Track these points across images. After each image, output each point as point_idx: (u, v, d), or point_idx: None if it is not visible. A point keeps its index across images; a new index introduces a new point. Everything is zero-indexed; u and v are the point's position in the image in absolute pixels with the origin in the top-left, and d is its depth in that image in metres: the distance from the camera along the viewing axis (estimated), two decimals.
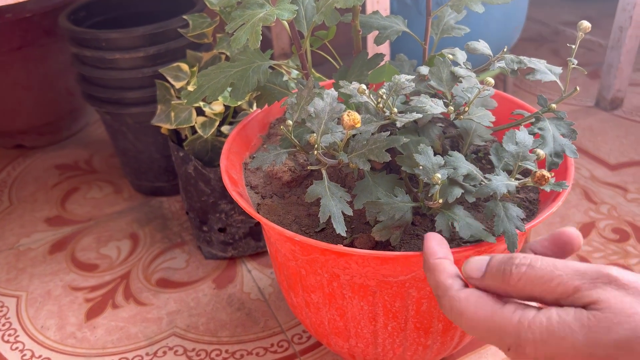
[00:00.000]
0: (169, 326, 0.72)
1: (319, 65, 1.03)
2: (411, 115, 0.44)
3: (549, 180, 0.39)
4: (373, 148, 0.44)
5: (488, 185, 0.41)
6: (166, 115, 0.74)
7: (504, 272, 0.33)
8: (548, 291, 0.32)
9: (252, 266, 0.80)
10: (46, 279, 0.81)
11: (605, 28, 1.30)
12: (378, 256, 0.43)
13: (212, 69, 0.53)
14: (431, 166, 0.43)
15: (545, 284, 0.32)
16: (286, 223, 0.52)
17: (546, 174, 0.39)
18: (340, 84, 0.47)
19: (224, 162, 0.55)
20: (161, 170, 0.93)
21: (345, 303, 0.50)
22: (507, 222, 0.42)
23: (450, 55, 0.51)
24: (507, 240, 0.41)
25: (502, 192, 0.41)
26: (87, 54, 0.82)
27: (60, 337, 0.71)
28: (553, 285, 0.31)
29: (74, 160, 1.09)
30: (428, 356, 0.55)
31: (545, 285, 0.32)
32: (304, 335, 0.69)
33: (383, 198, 0.44)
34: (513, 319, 0.31)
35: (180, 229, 0.88)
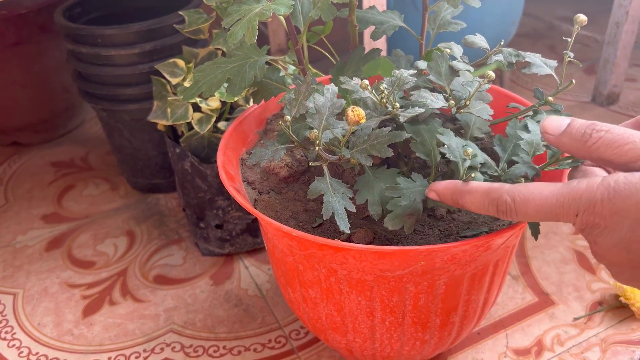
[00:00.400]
0: (167, 323, 0.72)
1: (315, 61, 1.02)
2: (414, 110, 0.44)
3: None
4: (375, 143, 0.44)
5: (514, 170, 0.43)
6: (162, 111, 0.74)
7: (583, 134, 0.36)
8: (620, 154, 0.34)
9: (249, 262, 0.80)
10: (43, 276, 0.81)
11: (601, 24, 1.30)
12: (375, 251, 0.43)
13: (208, 65, 0.53)
14: (455, 145, 0.43)
15: (619, 147, 0.34)
16: (283, 219, 0.52)
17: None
18: (341, 79, 0.46)
19: (221, 157, 0.54)
20: (158, 167, 0.93)
21: (343, 298, 0.50)
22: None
23: (447, 50, 0.51)
24: (531, 227, 0.43)
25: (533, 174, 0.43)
26: (83, 51, 0.81)
27: (57, 334, 0.71)
28: (626, 149, 0.34)
29: (70, 157, 1.09)
30: (426, 351, 0.55)
31: (618, 148, 0.34)
32: (302, 331, 0.69)
33: (402, 183, 0.45)
34: (580, 186, 0.34)
35: (177, 226, 0.88)
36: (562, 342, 0.66)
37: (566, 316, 0.69)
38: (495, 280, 0.52)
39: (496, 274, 0.52)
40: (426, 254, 0.43)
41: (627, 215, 0.33)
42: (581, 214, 0.34)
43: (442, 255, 0.44)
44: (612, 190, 0.33)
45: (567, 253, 0.79)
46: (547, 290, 0.73)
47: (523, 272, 0.76)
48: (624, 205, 0.32)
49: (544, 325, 0.68)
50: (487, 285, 0.52)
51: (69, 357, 0.68)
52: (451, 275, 0.47)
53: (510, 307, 0.71)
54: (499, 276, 0.53)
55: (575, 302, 0.71)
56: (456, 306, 0.51)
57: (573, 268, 0.76)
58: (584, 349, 0.65)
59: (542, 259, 0.78)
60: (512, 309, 0.71)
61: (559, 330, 0.68)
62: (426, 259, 0.44)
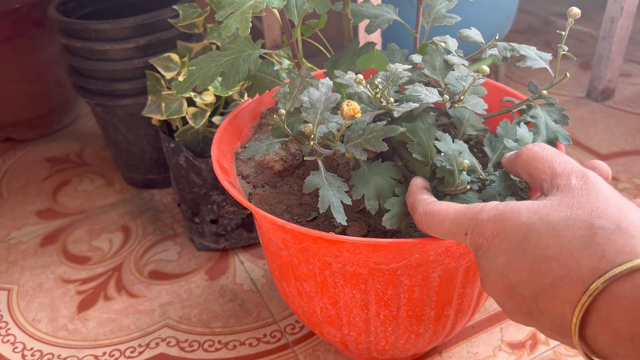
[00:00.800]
0: (162, 318, 0.72)
1: (310, 57, 1.02)
2: (408, 104, 0.44)
3: None
4: (370, 137, 0.44)
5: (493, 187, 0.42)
6: (157, 106, 0.74)
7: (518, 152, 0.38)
8: (541, 170, 0.35)
9: (244, 257, 0.80)
10: (37, 271, 0.80)
11: (596, 19, 1.30)
12: (370, 243, 0.43)
13: (202, 58, 0.53)
14: (452, 152, 0.43)
15: (542, 164, 0.35)
16: (278, 212, 0.52)
17: None
18: (336, 73, 0.46)
19: (215, 151, 0.54)
20: (152, 162, 0.93)
21: (338, 291, 0.50)
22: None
23: (442, 44, 0.51)
24: None
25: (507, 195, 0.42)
26: (77, 45, 0.81)
27: (52, 330, 0.71)
28: (546, 166, 0.35)
29: (65, 153, 1.08)
30: (420, 344, 0.55)
31: (540, 164, 0.35)
32: (297, 326, 0.69)
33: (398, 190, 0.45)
34: (477, 207, 0.35)
35: (172, 221, 0.88)
36: None
37: None
38: None
39: None
40: (420, 246, 0.43)
41: (505, 238, 0.32)
42: (469, 233, 0.35)
43: (436, 247, 0.44)
44: (498, 212, 0.33)
45: None
46: None
47: None
48: (504, 227, 0.32)
49: None
50: None
51: (63, 352, 0.68)
52: (445, 268, 0.47)
53: None
54: None
55: None
56: (450, 299, 0.51)
57: None
58: None
59: None
60: None
61: None
62: (420, 252, 0.44)
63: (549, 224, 0.31)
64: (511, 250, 0.32)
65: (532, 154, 0.37)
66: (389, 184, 0.46)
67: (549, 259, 0.30)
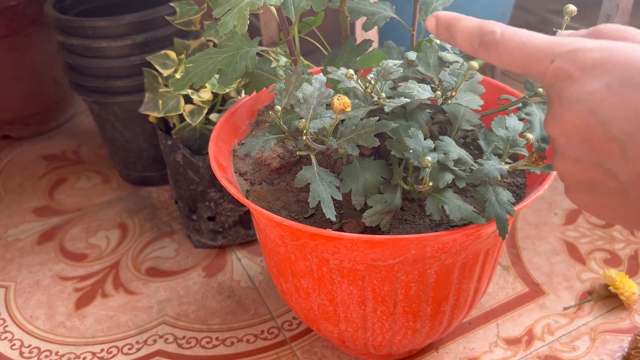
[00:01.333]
0: (159, 314, 0.72)
1: (307, 54, 1.02)
2: (399, 100, 0.45)
3: (545, 160, 0.39)
4: (362, 133, 0.45)
5: (480, 170, 0.42)
6: (154, 103, 0.74)
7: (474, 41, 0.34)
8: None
9: (242, 254, 0.80)
10: (35, 269, 0.80)
11: (592, 17, 1.30)
12: (367, 240, 0.43)
13: (199, 55, 0.53)
14: (421, 150, 0.43)
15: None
16: (275, 209, 0.52)
17: (543, 155, 0.39)
18: (328, 69, 0.47)
19: (212, 148, 0.54)
20: (150, 159, 0.93)
21: (335, 288, 0.50)
22: (497, 207, 0.42)
23: (438, 41, 0.51)
24: (498, 225, 0.42)
25: (495, 176, 0.42)
26: (74, 43, 0.81)
27: (50, 327, 0.71)
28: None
29: (61, 150, 1.08)
30: (417, 340, 0.55)
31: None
32: (294, 322, 0.70)
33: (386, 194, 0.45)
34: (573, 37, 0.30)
35: (169, 218, 0.88)
36: (552, 331, 0.67)
37: (556, 306, 0.70)
38: (485, 269, 0.53)
39: (487, 263, 0.52)
40: (417, 242, 0.43)
41: (611, 70, 0.27)
42: (558, 60, 0.29)
43: (433, 244, 0.44)
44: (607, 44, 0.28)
45: (558, 244, 0.79)
46: (538, 280, 0.74)
47: (514, 263, 0.76)
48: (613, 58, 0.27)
49: (534, 314, 0.69)
50: (477, 275, 0.52)
51: (61, 349, 0.68)
52: (442, 264, 0.48)
53: (501, 297, 0.71)
54: (489, 265, 0.53)
55: (565, 292, 0.72)
56: (447, 295, 0.51)
57: (563, 258, 0.77)
58: (573, 337, 0.66)
59: (533, 249, 0.78)
60: (503, 299, 0.71)
61: (549, 320, 0.68)
62: (417, 248, 0.44)
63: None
64: (616, 82, 0.27)
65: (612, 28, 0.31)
66: (377, 181, 0.47)
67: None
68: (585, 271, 0.75)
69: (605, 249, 0.78)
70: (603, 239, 0.79)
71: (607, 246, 0.78)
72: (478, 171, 0.42)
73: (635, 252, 0.77)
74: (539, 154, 0.40)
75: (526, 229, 0.82)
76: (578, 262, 0.76)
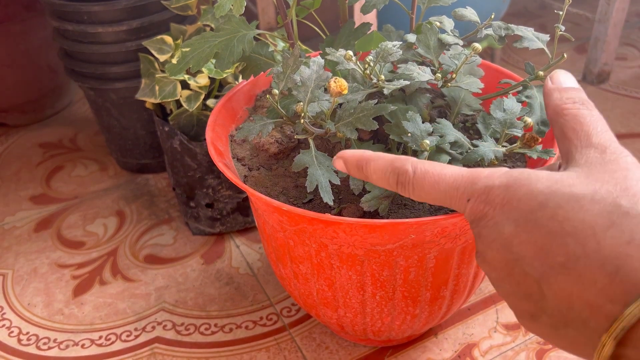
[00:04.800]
0: (158, 301, 0.72)
1: (305, 40, 1.01)
2: (398, 82, 0.44)
3: (538, 141, 0.39)
4: (360, 116, 0.44)
5: (475, 151, 0.41)
6: (150, 89, 0.73)
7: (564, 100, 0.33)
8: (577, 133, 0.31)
9: (240, 241, 0.80)
10: (32, 256, 0.80)
11: (592, 2, 1.29)
12: (366, 224, 0.43)
13: (196, 39, 0.52)
14: (419, 133, 0.42)
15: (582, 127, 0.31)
16: (273, 195, 0.51)
17: (535, 136, 0.39)
18: (327, 51, 0.46)
19: (210, 133, 0.54)
20: (147, 146, 0.92)
21: (334, 273, 0.50)
22: None
23: (438, 23, 0.50)
24: None
25: (490, 158, 0.41)
26: (69, 28, 0.80)
27: (48, 314, 0.71)
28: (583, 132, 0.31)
29: (58, 138, 1.08)
30: (416, 325, 0.55)
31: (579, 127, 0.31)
32: (293, 308, 0.69)
33: None
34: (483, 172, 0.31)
35: (167, 206, 0.88)
36: None
37: None
38: None
39: None
40: (416, 227, 0.43)
41: (517, 206, 0.28)
42: (473, 200, 0.31)
43: (432, 228, 0.44)
44: (512, 178, 0.29)
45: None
46: None
47: None
48: (517, 194, 0.29)
49: None
50: None
51: (59, 336, 0.68)
52: (441, 249, 0.47)
53: None
54: None
55: None
56: (446, 280, 0.51)
57: None
58: None
59: None
60: None
61: None
62: (416, 232, 0.44)
63: (572, 195, 0.27)
64: (522, 220, 0.28)
65: (577, 113, 0.32)
66: None
67: (565, 235, 0.26)
68: None
69: None
70: None
71: None
72: (473, 152, 0.42)
73: None
74: (531, 134, 0.39)
75: None
76: None
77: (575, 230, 0.26)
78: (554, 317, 0.27)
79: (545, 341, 0.29)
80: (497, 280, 0.31)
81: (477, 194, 0.30)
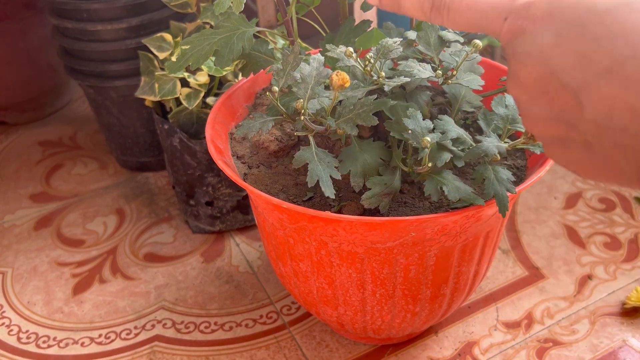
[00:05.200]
0: (157, 300, 0.72)
1: (305, 38, 1.01)
2: (399, 79, 0.44)
3: None
4: (360, 112, 0.44)
5: (479, 147, 0.41)
6: (150, 86, 0.73)
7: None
8: None
9: (240, 240, 0.80)
10: (32, 255, 0.80)
11: None
12: (366, 222, 0.43)
13: (195, 37, 0.52)
14: (420, 130, 0.42)
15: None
16: (273, 192, 0.51)
17: None
18: (327, 47, 0.46)
19: (209, 131, 0.54)
20: (147, 145, 0.92)
21: (334, 271, 0.50)
22: (497, 185, 0.42)
23: None
24: (498, 202, 0.41)
25: (493, 153, 0.41)
26: (68, 26, 0.80)
27: (47, 312, 0.71)
28: None
29: (57, 136, 1.07)
30: (416, 323, 0.55)
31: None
32: (293, 307, 0.69)
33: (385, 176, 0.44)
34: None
35: (167, 204, 0.88)
36: (552, 314, 0.67)
37: (556, 289, 0.70)
38: (485, 252, 0.52)
39: (487, 246, 0.52)
40: (417, 224, 0.43)
41: (560, 17, 0.27)
42: (511, 17, 0.29)
43: (433, 225, 0.44)
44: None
45: (557, 228, 0.79)
46: (537, 264, 0.73)
47: (513, 247, 0.76)
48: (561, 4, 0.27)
49: (534, 298, 0.69)
50: (477, 257, 0.52)
51: (59, 334, 0.68)
52: (442, 247, 0.47)
53: (501, 281, 0.71)
54: (489, 248, 0.53)
55: (565, 275, 0.72)
56: (447, 278, 0.51)
57: (563, 242, 0.76)
58: (573, 321, 0.66)
59: (533, 233, 0.78)
60: (502, 283, 0.71)
61: (548, 304, 0.68)
62: (417, 230, 0.44)
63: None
64: (564, 29, 0.26)
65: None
66: (376, 163, 0.46)
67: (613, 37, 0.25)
68: (585, 255, 0.74)
69: (605, 233, 0.78)
70: (603, 223, 0.79)
71: (607, 230, 0.78)
72: (476, 148, 0.42)
73: (635, 236, 0.77)
74: None
75: (526, 213, 0.81)
76: (578, 246, 0.76)
77: (625, 32, 0.24)
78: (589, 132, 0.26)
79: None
80: (527, 103, 0.29)
81: (517, 10, 0.29)
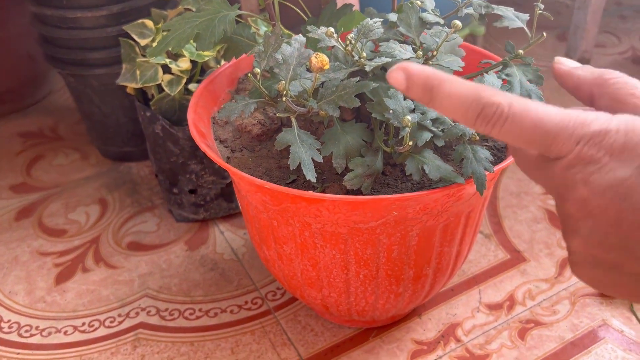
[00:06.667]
0: (141, 288, 0.71)
1: (290, 27, 1.01)
2: (380, 59, 0.44)
3: None
4: (342, 94, 0.44)
5: (456, 126, 0.42)
6: (131, 74, 0.72)
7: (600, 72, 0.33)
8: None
9: (224, 228, 0.80)
10: (13, 245, 0.79)
11: None
12: (349, 201, 0.43)
13: (176, 20, 0.52)
14: (401, 110, 0.43)
15: None
16: (257, 175, 0.51)
17: None
18: (308, 28, 0.46)
19: (192, 115, 0.54)
20: (129, 134, 0.91)
21: (317, 252, 0.50)
22: (475, 164, 0.42)
23: (419, 2, 0.50)
24: (476, 180, 0.42)
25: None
26: (47, 13, 0.79)
27: (30, 302, 0.70)
28: None
29: (38, 127, 1.06)
30: (400, 304, 0.56)
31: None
32: (278, 292, 0.69)
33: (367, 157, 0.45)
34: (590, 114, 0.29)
35: (150, 193, 0.87)
36: (533, 296, 0.68)
37: (537, 272, 0.71)
38: (467, 232, 0.53)
39: (468, 226, 0.52)
40: (399, 203, 0.43)
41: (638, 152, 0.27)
42: (584, 143, 0.28)
43: (415, 204, 0.44)
44: (630, 122, 0.28)
45: (539, 212, 0.80)
46: (519, 247, 0.74)
47: (495, 231, 0.77)
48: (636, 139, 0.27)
49: (515, 281, 0.70)
50: (459, 238, 0.52)
51: (42, 323, 0.67)
52: (424, 226, 0.48)
53: (483, 265, 0.72)
54: (471, 228, 0.53)
55: (546, 258, 0.73)
56: (429, 258, 0.51)
57: (544, 226, 0.77)
58: (554, 302, 0.67)
59: (514, 218, 0.79)
60: (485, 266, 0.72)
61: (530, 286, 0.69)
62: (399, 209, 0.44)
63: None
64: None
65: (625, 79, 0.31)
66: (358, 144, 0.46)
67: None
68: None
69: None
70: None
71: None
72: (454, 127, 0.42)
73: None
74: None
75: (507, 198, 0.82)
76: (559, 230, 0.77)
77: None
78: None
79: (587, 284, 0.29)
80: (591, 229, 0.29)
81: (589, 137, 0.28)
